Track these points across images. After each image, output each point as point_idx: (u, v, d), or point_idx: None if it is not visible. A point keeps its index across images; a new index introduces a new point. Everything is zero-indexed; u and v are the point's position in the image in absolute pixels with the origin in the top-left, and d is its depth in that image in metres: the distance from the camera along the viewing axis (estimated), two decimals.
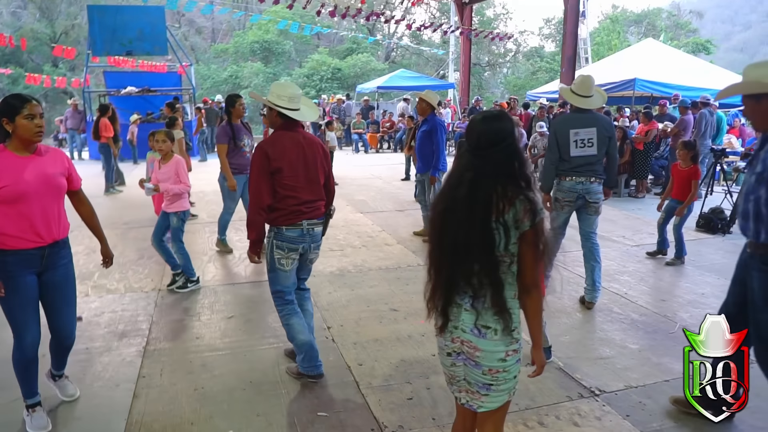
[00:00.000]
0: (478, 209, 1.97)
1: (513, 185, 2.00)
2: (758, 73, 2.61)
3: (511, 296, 2.04)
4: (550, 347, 3.81)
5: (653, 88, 13.21)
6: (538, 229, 1.97)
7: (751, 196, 2.61)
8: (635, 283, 5.37)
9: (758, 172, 2.58)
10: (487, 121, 2.06)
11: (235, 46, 32.45)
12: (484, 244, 1.97)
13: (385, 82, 20.19)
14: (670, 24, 34.61)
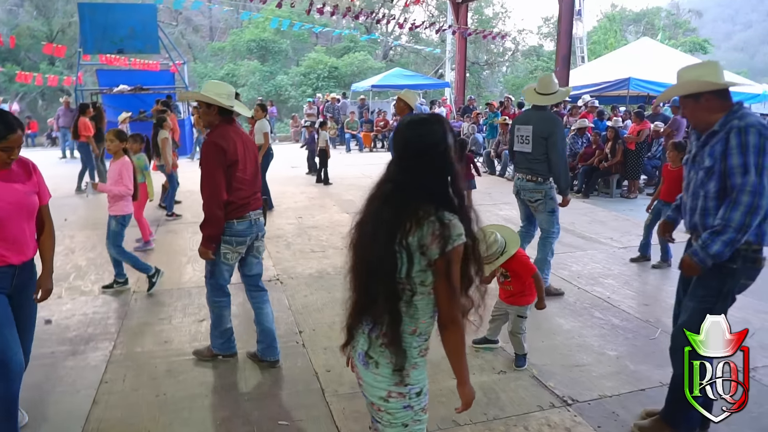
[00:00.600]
0: (383, 227, 1.74)
1: (432, 203, 1.73)
2: (695, 73, 2.69)
3: (409, 332, 1.78)
4: (525, 355, 3.72)
5: (648, 87, 13.11)
6: (449, 259, 1.69)
7: (700, 192, 2.65)
8: (619, 287, 5.26)
9: (707, 167, 2.60)
10: (414, 125, 1.81)
11: (232, 44, 32.32)
12: (384, 267, 1.74)
13: (379, 81, 20.08)
14: (668, 23, 34.47)
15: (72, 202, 9.07)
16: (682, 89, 2.71)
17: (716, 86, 2.60)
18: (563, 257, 6.18)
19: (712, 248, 2.52)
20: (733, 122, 2.54)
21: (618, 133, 9.82)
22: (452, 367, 1.86)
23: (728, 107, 2.62)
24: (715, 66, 2.71)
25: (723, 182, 2.57)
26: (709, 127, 2.65)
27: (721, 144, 2.56)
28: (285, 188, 10.30)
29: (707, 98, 2.61)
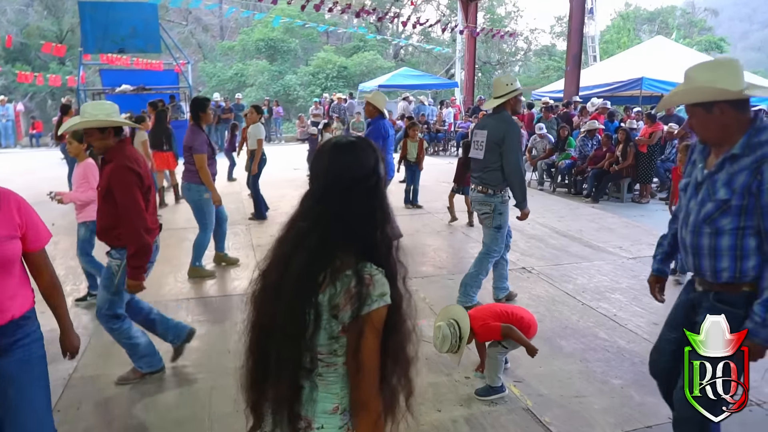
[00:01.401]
0: (290, 278, 1.38)
1: (353, 251, 1.38)
2: (708, 76, 2.12)
3: (329, 410, 1.42)
4: (495, 388, 3.34)
5: (661, 87, 12.64)
6: (362, 327, 1.32)
7: (705, 228, 2.16)
8: (627, 303, 4.88)
9: (722, 200, 2.10)
10: (341, 150, 1.45)
11: (241, 43, 32.14)
12: (287, 331, 1.38)
13: (387, 81, 19.74)
14: (684, 22, 33.77)
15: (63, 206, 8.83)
16: (690, 96, 2.18)
17: (735, 96, 2.06)
18: (568, 269, 5.81)
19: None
20: (764, 146, 2.03)
21: (629, 135, 9.40)
22: None
23: (748, 122, 2.10)
24: (734, 67, 2.13)
25: (743, 220, 2.10)
26: (722, 145, 2.15)
27: (747, 175, 2.05)
28: (283, 191, 9.99)
29: (722, 109, 2.08)
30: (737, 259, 2.12)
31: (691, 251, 2.25)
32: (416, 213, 8.53)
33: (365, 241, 1.39)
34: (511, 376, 3.61)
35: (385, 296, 1.34)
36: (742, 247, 2.11)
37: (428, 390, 3.44)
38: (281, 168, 13.38)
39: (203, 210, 5.54)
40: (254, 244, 6.70)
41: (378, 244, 1.40)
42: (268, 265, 1.46)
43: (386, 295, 1.35)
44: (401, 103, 17.58)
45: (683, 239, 2.29)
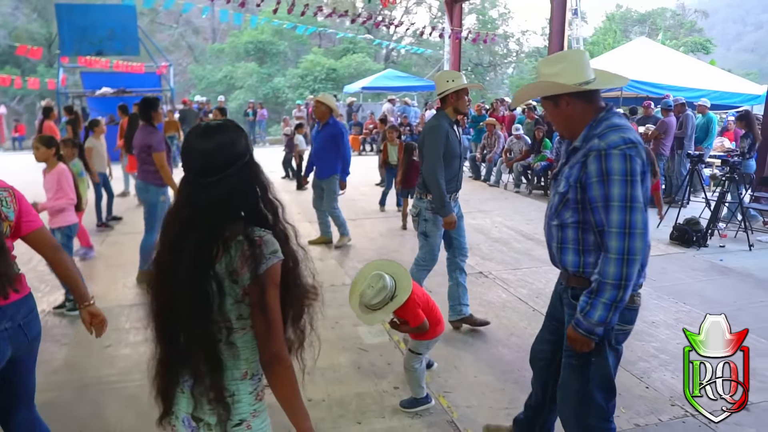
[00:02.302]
0: (184, 257, 1.45)
1: (241, 221, 1.49)
2: (551, 70, 2.11)
3: (239, 377, 1.52)
4: (420, 399, 3.20)
5: (642, 88, 12.51)
6: (263, 283, 1.43)
7: (554, 219, 2.19)
8: None
9: (561, 192, 2.12)
10: (211, 134, 1.51)
11: (231, 46, 32.04)
12: (192, 307, 1.45)
13: (370, 83, 19.65)
14: (674, 23, 33.73)
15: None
16: (533, 91, 2.21)
17: (570, 89, 2.05)
18: (527, 273, 5.69)
19: (594, 315, 1.99)
20: (593, 142, 2.01)
21: None
22: (287, 415, 1.55)
23: (594, 112, 2.09)
24: (577, 59, 2.12)
25: (581, 214, 2.08)
26: (575, 137, 2.13)
27: (578, 168, 2.04)
28: None
29: (567, 101, 2.09)
30: (580, 253, 2.12)
31: (547, 240, 2.30)
32: (387, 216, 8.40)
33: (250, 212, 1.51)
34: (443, 386, 3.49)
35: (276, 253, 1.45)
36: (583, 242, 2.10)
37: (353, 401, 3.31)
38: None
39: (155, 213, 5.41)
40: None
41: (263, 212, 1.52)
42: (159, 253, 1.52)
43: (278, 252, 1.46)
44: (386, 105, 17.47)
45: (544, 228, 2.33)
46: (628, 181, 1.93)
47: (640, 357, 3.88)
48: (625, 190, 1.93)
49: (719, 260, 6.28)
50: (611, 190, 1.94)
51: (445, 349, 4.00)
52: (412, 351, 3.16)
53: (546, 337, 2.51)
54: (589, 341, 2.07)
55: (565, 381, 2.27)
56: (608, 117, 2.07)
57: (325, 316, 4.49)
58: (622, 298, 1.98)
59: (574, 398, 2.23)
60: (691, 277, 5.66)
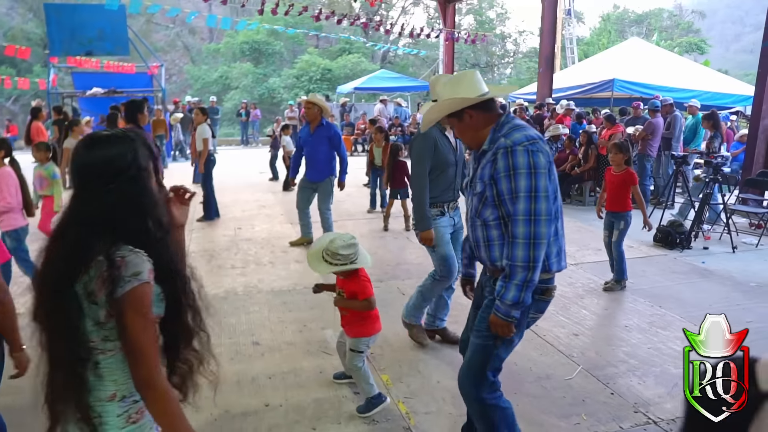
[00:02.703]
0: (48, 271, 1.41)
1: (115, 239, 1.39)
2: (448, 90, 2.32)
3: (106, 398, 1.43)
4: (373, 398, 3.17)
5: (633, 89, 12.48)
6: (122, 309, 1.34)
7: (477, 221, 2.33)
8: (553, 313, 4.66)
9: (479, 193, 2.28)
10: (96, 145, 1.45)
11: (227, 46, 31.97)
12: (54, 322, 1.39)
13: (363, 83, 19.57)
14: (671, 24, 33.63)
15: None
16: (440, 110, 2.36)
17: (474, 101, 2.27)
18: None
19: (508, 296, 2.17)
20: (500, 141, 2.21)
21: (591, 138, 9.23)
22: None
23: (494, 119, 2.31)
24: (471, 77, 2.35)
25: (501, 210, 2.24)
26: (481, 145, 2.33)
27: (489, 167, 2.24)
28: (239, 196, 9.84)
29: (470, 114, 2.30)
30: (505, 247, 2.24)
31: (474, 243, 2.41)
32: (371, 218, 8.33)
33: (126, 229, 1.41)
34: (404, 391, 3.42)
35: (139, 275, 1.35)
36: (507, 236, 2.23)
37: (310, 406, 3.24)
38: (247, 171, 13.20)
39: None
40: (189, 250, 6.49)
41: (144, 230, 1.42)
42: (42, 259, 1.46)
43: (140, 274, 1.35)
44: (378, 106, 17.41)
45: (469, 234, 2.47)
46: (533, 174, 2.12)
47: (608, 362, 3.82)
48: (530, 181, 2.12)
49: (701, 262, 6.21)
50: (518, 183, 2.14)
51: (410, 352, 3.95)
52: (353, 350, 3.14)
53: (470, 324, 2.61)
54: (509, 324, 2.21)
55: (467, 360, 2.43)
56: (508, 120, 2.29)
57: (291, 319, 4.45)
58: (532, 278, 2.15)
59: (472, 375, 2.38)
60: (670, 279, 5.59)
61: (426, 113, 2.50)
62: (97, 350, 1.39)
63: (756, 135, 8.72)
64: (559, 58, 20.62)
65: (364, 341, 3.14)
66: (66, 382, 1.39)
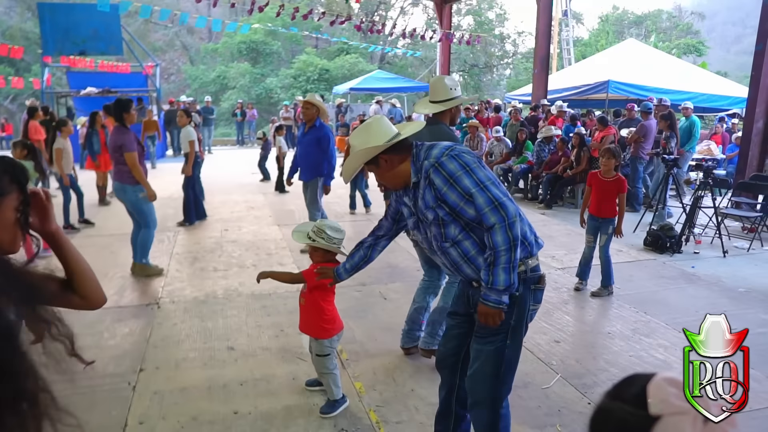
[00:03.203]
0: None
1: None
2: (361, 140, 2.37)
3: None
4: (337, 401, 3.17)
5: (628, 90, 12.42)
6: None
7: (447, 245, 2.31)
8: (535, 319, 4.58)
9: (432, 219, 2.29)
10: None
11: (225, 46, 31.92)
12: None
13: (358, 84, 19.50)
14: (670, 26, 33.54)
15: None
16: (356, 161, 2.40)
17: (383, 147, 2.31)
18: None
19: (498, 281, 2.17)
20: (425, 164, 2.27)
21: (583, 140, 9.15)
22: None
23: (409, 154, 2.35)
24: (378, 124, 2.40)
25: (462, 221, 2.25)
26: (408, 183, 2.36)
27: (428, 190, 2.26)
28: (229, 197, 9.77)
29: (385, 159, 2.34)
30: (483, 251, 2.25)
31: (452, 269, 2.38)
32: (357, 220, 8.26)
33: None
34: (376, 399, 3.35)
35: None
36: (480, 241, 2.25)
37: (279, 414, 3.18)
38: (239, 172, 13.14)
39: (143, 209, 5.50)
40: (173, 252, 6.43)
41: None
42: None
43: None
44: (373, 106, 17.34)
45: (442, 264, 2.45)
46: (469, 171, 2.18)
47: (588, 370, 3.75)
48: (471, 177, 2.18)
49: (691, 267, 6.14)
50: (462, 185, 2.17)
51: (386, 359, 3.88)
52: (319, 355, 3.12)
53: (453, 333, 2.55)
54: (500, 312, 2.21)
55: (479, 369, 2.35)
56: (420, 147, 2.33)
57: (268, 324, 4.38)
58: (515, 258, 2.16)
59: (489, 384, 2.33)
60: (658, 285, 5.52)
61: (345, 164, 2.49)
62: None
63: (750, 138, 8.66)
64: (556, 60, 20.56)
65: (328, 342, 3.12)
66: None
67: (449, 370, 2.59)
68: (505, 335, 2.29)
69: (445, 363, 2.60)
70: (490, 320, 2.23)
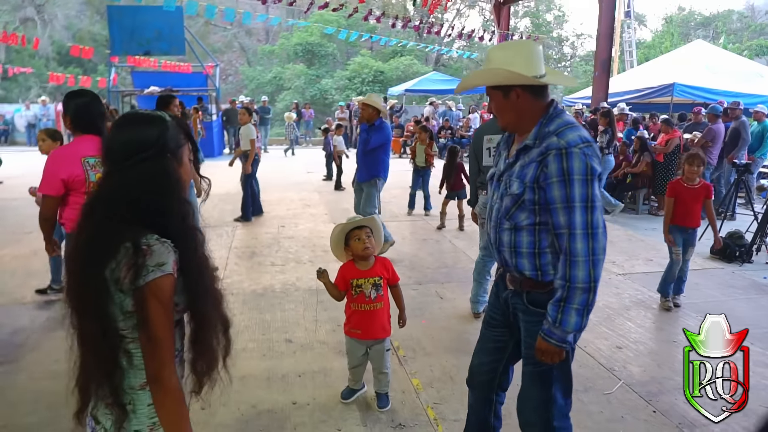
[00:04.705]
0: (79, 254, 1.38)
1: (141, 224, 1.37)
2: (502, 57, 2.00)
3: (137, 386, 1.40)
4: (386, 393, 3.19)
5: (694, 94, 11.91)
6: (144, 297, 1.31)
7: (505, 223, 2.06)
8: (596, 323, 4.48)
9: (516, 194, 2.00)
10: (123, 124, 1.46)
11: (281, 47, 32.55)
12: (82, 305, 1.36)
13: (414, 85, 19.51)
14: (741, 26, 32.02)
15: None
16: (484, 78, 2.05)
17: (527, 81, 1.95)
18: None
19: (569, 323, 1.91)
20: (552, 140, 1.91)
21: (645, 144, 8.85)
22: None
23: (542, 109, 2.00)
24: (531, 50, 2.01)
25: (538, 216, 1.98)
26: (522, 133, 2.05)
27: (534, 168, 1.94)
28: (285, 194, 9.94)
29: (518, 94, 1.97)
30: (536, 256, 2.02)
31: (495, 246, 2.16)
32: (414, 220, 8.26)
33: (148, 212, 1.39)
34: (434, 397, 3.34)
35: (163, 266, 1.32)
36: (539, 245, 2.01)
37: (337, 406, 3.21)
38: (295, 170, 13.37)
39: None
40: (232, 246, 6.60)
41: (165, 214, 1.40)
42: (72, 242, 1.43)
43: (165, 265, 1.33)
44: (427, 108, 17.31)
45: (489, 233, 2.19)
46: (589, 181, 1.88)
47: (653, 378, 3.62)
48: (586, 189, 1.88)
49: (763, 278, 5.84)
50: (573, 191, 1.88)
51: (443, 357, 3.85)
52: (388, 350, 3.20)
53: (488, 346, 2.35)
54: (561, 351, 1.98)
55: (527, 390, 2.18)
56: (559, 114, 2.00)
57: (325, 319, 4.43)
58: (593, 301, 1.92)
59: (540, 406, 2.15)
60: (726, 294, 5.28)
61: (468, 76, 2.21)
62: (127, 339, 1.36)
63: None
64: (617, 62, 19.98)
65: (389, 338, 3.16)
66: (98, 364, 1.37)
67: (483, 386, 2.38)
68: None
69: (479, 379, 2.39)
70: (547, 358, 2.00)
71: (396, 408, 3.20)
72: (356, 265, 3.10)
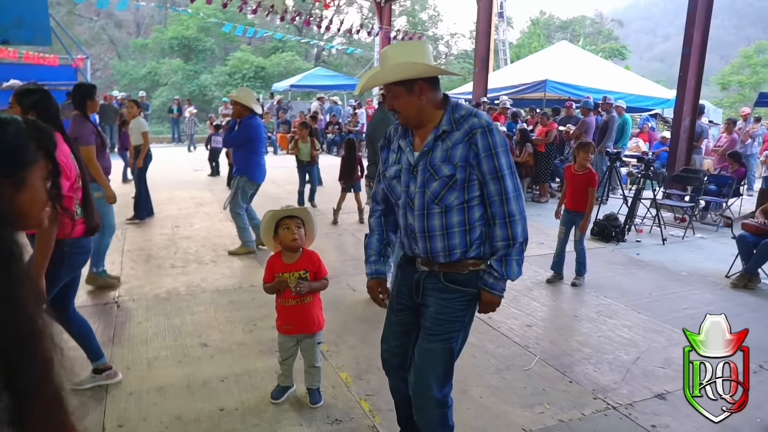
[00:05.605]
0: None
1: None
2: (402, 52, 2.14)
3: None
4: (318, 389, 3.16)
5: (564, 90, 12.94)
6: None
7: (434, 208, 2.14)
8: (505, 305, 4.71)
9: (447, 176, 2.10)
10: None
11: (155, 41, 30.72)
12: None
13: (299, 81, 19.31)
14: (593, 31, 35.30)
15: None
16: (391, 75, 2.10)
17: (435, 72, 2.14)
18: None
19: (512, 273, 2.16)
20: (473, 121, 2.10)
21: (527, 136, 9.46)
22: None
23: (443, 100, 2.18)
24: (424, 47, 2.20)
25: (467, 193, 2.13)
26: (423, 125, 2.17)
27: (463, 147, 2.09)
28: (175, 193, 9.43)
29: (421, 87, 2.10)
30: (466, 233, 2.16)
31: (421, 235, 2.19)
32: None
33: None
34: (365, 389, 3.33)
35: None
36: (469, 221, 2.15)
37: (269, 408, 3.09)
38: (182, 168, 12.71)
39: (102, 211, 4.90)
40: (124, 249, 6.11)
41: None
42: None
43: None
44: (314, 103, 17.19)
45: (410, 225, 2.22)
46: (506, 151, 2.12)
47: (563, 351, 3.88)
48: (508, 158, 2.11)
49: (636, 254, 6.49)
50: (500, 161, 2.08)
51: (366, 348, 3.85)
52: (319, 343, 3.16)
53: (396, 330, 2.40)
54: (500, 300, 2.21)
55: (431, 366, 2.22)
56: (458, 102, 2.19)
57: (239, 319, 4.26)
58: (524, 252, 2.20)
59: (440, 382, 2.22)
60: (611, 270, 5.80)
61: (371, 75, 2.26)
62: None
63: (678, 134, 9.24)
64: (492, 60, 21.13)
65: (321, 331, 3.10)
66: None
67: (398, 369, 2.44)
68: (458, 332, 2.21)
69: (393, 362, 2.44)
70: (491, 309, 2.22)
71: (329, 403, 3.16)
72: (282, 257, 3.00)
